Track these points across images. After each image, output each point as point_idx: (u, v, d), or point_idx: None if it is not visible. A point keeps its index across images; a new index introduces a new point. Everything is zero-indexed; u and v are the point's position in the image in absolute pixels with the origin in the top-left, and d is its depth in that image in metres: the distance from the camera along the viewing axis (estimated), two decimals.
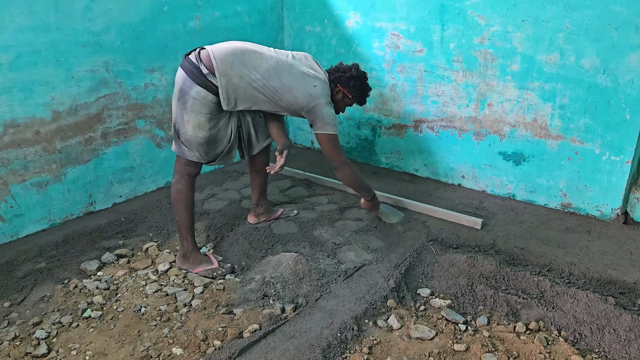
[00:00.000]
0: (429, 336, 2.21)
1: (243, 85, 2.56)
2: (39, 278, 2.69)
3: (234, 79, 2.53)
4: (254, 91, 2.60)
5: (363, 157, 4.42)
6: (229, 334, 2.24)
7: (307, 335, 2.19)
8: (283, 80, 2.64)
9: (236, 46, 2.62)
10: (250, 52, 2.63)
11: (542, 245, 2.97)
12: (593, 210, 3.32)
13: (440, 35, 3.61)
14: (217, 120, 2.61)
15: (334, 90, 2.89)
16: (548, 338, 2.20)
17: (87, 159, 3.30)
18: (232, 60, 2.54)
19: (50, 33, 2.94)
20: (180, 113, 2.58)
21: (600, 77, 3.05)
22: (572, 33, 3.06)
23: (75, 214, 3.31)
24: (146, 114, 3.57)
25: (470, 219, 3.19)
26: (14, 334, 2.25)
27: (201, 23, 3.77)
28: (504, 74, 3.40)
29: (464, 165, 3.81)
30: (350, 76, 2.87)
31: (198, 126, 2.56)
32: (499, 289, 2.52)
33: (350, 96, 2.90)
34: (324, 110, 2.72)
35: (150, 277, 2.70)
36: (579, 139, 3.23)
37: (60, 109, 3.09)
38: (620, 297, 2.46)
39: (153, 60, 3.52)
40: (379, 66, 4.01)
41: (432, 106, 3.83)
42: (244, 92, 2.58)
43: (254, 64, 2.60)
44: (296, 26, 4.46)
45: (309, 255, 2.82)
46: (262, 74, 2.60)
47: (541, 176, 3.46)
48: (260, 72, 2.60)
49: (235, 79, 2.53)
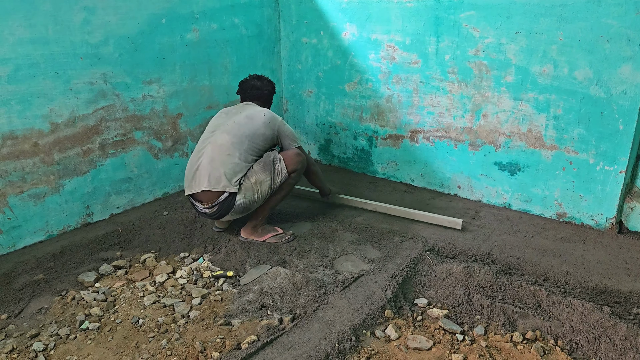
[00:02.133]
0: (427, 346, 2.22)
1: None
2: (36, 290, 2.69)
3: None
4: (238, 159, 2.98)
5: (359, 168, 4.45)
6: (227, 345, 2.24)
7: (305, 346, 2.19)
8: (244, 132, 2.99)
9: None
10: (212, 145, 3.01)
11: (538, 255, 2.99)
12: (588, 219, 3.35)
13: (435, 47, 3.65)
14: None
15: (265, 105, 3.34)
16: (545, 347, 2.21)
17: (84, 170, 3.30)
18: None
19: (48, 45, 2.96)
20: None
21: (593, 88, 3.09)
22: (566, 45, 3.11)
23: (73, 225, 3.32)
24: (144, 126, 3.59)
25: (451, 219, 3.21)
26: (11, 346, 2.24)
27: (198, 35, 3.81)
28: (499, 85, 3.44)
29: (460, 175, 3.84)
30: (260, 86, 3.32)
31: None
32: (496, 298, 2.53)
33: (271, 99, 3.42)
34: (285, 129, 3.15)
35: (148, 289, 2.70)
36: (573, 149, 3.26)
37: (58, 120, 3.10)
38: (615, 306, 2.48)
39: (151, 72, 3.54)
40: (375, 77, 4.05)
41: (428, 117, 3.86)
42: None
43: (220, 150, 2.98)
44: (292, 38, 4.50)
45: (307, 266, 2.83)
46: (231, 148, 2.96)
47: (536, 186, 3.49)
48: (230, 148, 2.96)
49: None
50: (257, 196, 2.97)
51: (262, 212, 3.10)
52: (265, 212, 3.11)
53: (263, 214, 3.10)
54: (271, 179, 2.98)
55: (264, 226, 3.14)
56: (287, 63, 4.64)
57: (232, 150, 2.93)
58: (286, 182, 3.07)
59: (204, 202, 2.94)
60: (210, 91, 4.02)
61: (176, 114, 3.79)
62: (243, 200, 2.92)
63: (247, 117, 3.06)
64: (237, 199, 2.91)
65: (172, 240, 3.18)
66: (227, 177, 2.88)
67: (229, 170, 2.89)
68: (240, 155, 2.93)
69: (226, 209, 2.93)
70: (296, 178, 3.13)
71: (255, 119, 3.05)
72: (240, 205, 2.93)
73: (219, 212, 2.94)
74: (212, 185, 2.89)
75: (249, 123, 3.02)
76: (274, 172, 3.00)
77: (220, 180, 2.88)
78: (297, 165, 3.07)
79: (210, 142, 3.00)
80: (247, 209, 3.00)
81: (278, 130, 3.10)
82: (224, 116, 3.15)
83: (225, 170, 2.88)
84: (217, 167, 2.89)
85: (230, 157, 2.91)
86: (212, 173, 2.89)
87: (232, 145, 2.93)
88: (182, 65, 3.75)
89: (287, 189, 3.12)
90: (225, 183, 2.87)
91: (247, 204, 2.96)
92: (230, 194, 2.90)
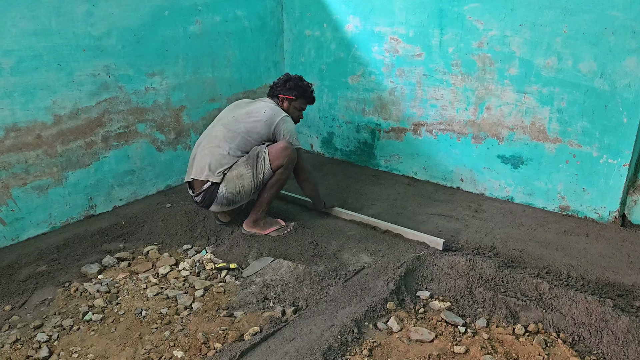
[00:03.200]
0: (429, 338, 2.23)
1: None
2: (40, 281, 2.70)
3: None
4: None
5: (362, 161, 4.44)
6: (229, 337, 2.25)
7: (307, 338, 2.20)
8: (239, 129, 2.96)
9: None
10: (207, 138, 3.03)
11: (540, 248, 2.98)
12: (591, 212, 3.34)
13: (439, 40, 3.64)
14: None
15: (280, 103, 3.18)
16: (547, 340, 2.22)
17: (87, 162, 3.31)
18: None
19: (51, 37, 2.96)
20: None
21: (597, 81, 3.07)
22: (570, 37, 3.09)
23: (76, 217, 3.32)
24: (147, 118, 3.59)
25: (432, 239, 2.99)
26: (15, 337, 2.26)
27: (201, 27, 3.80)
28: (502, 77, 3.42)
29: (463, 168, 3.83)
30: (284, 81, 3.18)
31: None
32: (498, 291, 2.54)
33: (292, 97, 3.16)
34: (284, 127, 3.02)
35: (151, 280, 2.71)
36: (576, 142, 3.25)
37: (61, 112, 3.10)
38: (618, 299, 2.48)
39: (154, 64, 3.54)
40: (378, 70, 4.04)
41: (431, 110, 3.85)
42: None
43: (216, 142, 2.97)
44: (295, 30, 4.48)
45: (309, 258, 2.83)
46: (224, 141, 2.94)
47: (539, 179, 3.48)
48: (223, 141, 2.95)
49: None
50: (240, 189, 2.93)
51: (260, 206, 3.06)
52: (263, 205, 3.05)
53: (261, 207, 3.06)
54: (253, 173, 2.91)
55: (265, 219, 3.12)
56: (290, 56, 4.62)
57: (222, 143, 2.93)
58: (275, 178, 2.98)
59: (195, 190, 3.00)
60: (213, 84, 4.01)
61: (179, 106, 3.79)
62: (225, 191, 2.91)
63: (247, 113, 3.03)
64: (219, 189, 2.91)
65: (174, 233, 3.19)
66: (210, 167, 2.90)
67: (214, 161, 2.91)
68: (230, 150, 2.92)
69: (209, 198, 2.94)
70: (285, 173, 2.99)
71: (254, 116, 3.01)
72: (223, 196, 2.92)
73: (204, 201, 2.95)
74: (197, 174, 2.94)
75: (246, 119, 3.00)
76: (257, 167, 2.91)
77: (204, 169, 2.91)
78: (282, 160, 2.92)
79: (207, 134, 3.05)
80: (232, 201, 2.97)
81: (275, 128, 3.01)
82: (231, 109, 3.16)
83: (211, 161, 2.91)
84: (204, 157, 2.93)
85: (219, 149, 2.92)
86: (199, 163, 2.95)
87: (223, 139, 2.94)
88: (184, 58, 3.74)
89: (279, 184, 3.03)
90: (207, 172, 2.90)
91: (230, 196, 2.93)
92: (213, 184, 2.90)
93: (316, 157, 4.68)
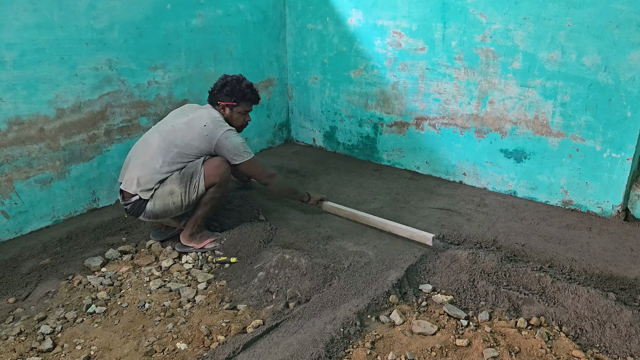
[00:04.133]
0: (431, 331, 2.23)
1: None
2: (43, 274, 2.71)
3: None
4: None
5: (365, 155, 4.44)
6: (232, 329, 2.26)
7: (310, 331, 2.21)
8: (175, 141, 2.79)
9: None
10: (140, 146, 2.88)
11: (543, 242, 2.98)
12: (594, 207, 3.33)
13: (442, 33, 3.62)
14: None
15: (222, 111, 2.97)
16: (549, 333, 2.22)
17: (90, 156, 3.31)
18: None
19: (54, 31, 2.96)
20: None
21: (601, 74, 3.06)
22: (574, 31, 3.07)
23: (79, 210, 3.33)
24: (149, 112, 3.58)
25: (421, 234, 2.93)
26: (19, 329, 2.27)
27: (203, 21, 3.79)
28: (506, 71, 3.41)
29: (466, 162, 3.83)
30: (221, 86, 2.95)
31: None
32: (501, 284, 2.54)
33: (232, 103, 2.94)
34: (227, 143, 2.83)
35: (154, 273, 2.72)
36: (580, 136, 3.24)
37: (64, 106, 3.10)
38: (621, 293, 2.48)
39: (156, 58, 3.54)
40: (381, 64, 4.02)
41: (434, 104, 3.84)
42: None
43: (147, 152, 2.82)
44: (298, 24, 4.47)
45: (312, 252, 2.83)
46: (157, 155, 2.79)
47: (542, 173, 3.47)
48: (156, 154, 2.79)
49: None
50: (169, 207, 2.79)
51: (195, 221, 2.91)
52: (198, 221, 2.90)
53: (196, 222, 2.91)
54: (185, 192, 2.77)
55: (202, 232, 2.96)
56: (292, 50, 4.61)
57: (156, 155, 2.77)
58: (208, 197, 2.84)
59: (124, 197, 2.86)
60: (215, 78, 3.93)
61: (181, 100, 3.79)
62: (152, 207, 2.78)
63: (187, 123, 2.83)
64: (147, 205, 2.77)
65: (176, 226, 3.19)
66: (139, 182, 2.75)
67: (144, 175, 2.75)
68: (162, 163, 2.76)
69: (137, 210, 2.80)
70: (218, 191, 2.84)
71: (193, 128, 2.81)
72: (150, 211, 2.79)
73: (132, 211, 2.83)
74: (127, 186, 2.80)
75: (184, 131, 2.81)
76: (190, 187, 2.77)
77: (133, 183, 2.76)
78: (215, 178, 2.79)
79: (145, 139, 2.89)
80: (159, 216, 2.83)
81: (217, 144, 2.82)
82: (175, 115, 2.97)
83: (140, 175, 2.75)
84: (135, 169, 2.78)
85: (152, 162, 2.76)
86: (130, 174, 2.80)
87: (158, 150, 2.78)
88: (187, 52, 3.74)
89: (212, 202, 2.88)
90: (135, 187, 2.75)
91: (157, 212, 2.80)
92: (141, 198, 2.77)
93: (318, 152, 4.68)
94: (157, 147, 2.79)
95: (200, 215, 2.90)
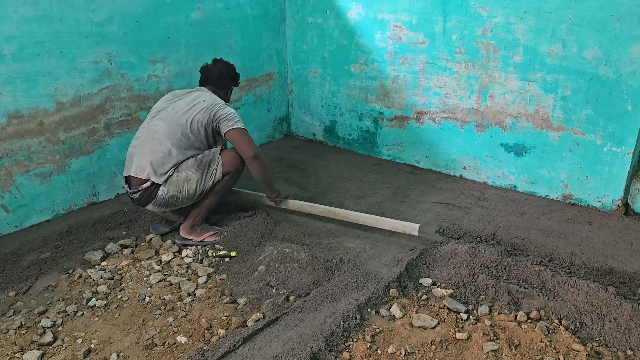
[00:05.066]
0: (431, 325, 2.23)
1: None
2: (43, 268, 2.71)
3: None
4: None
5: (365, 149, 4.43)
6: (233, 323, 2.26)
7: (310, 324, 2.21)
8: (179, 121, 2.83)
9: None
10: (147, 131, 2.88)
11: (543, 236, 2.98)
12: (594, 201, 3.33)
13: (442, 27, 3.61)
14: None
15: (225, 93, 3.14)
16: (549, 327, 2.22)
17: (90, 150, 3.31)
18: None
19: (53, 24, 2.94)
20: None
21: (602, 68, 3.05)
22: (575, 24, 3.06)
23: (79, 204, 3.33)
24: (149, 105, 3.57)
25: (407, 225, 2.85)
26: (19, 322, 2.27)
27: (203, 14, 3.77)
28: (506, 65, 3.40)
29: (466, 156, 3.82)
30: (234, 75, 3.16)
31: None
32: (501, 278, 2.54)
33: (234, 85, 3.20)
34: (224, 110, 2.87)
35: (154, 267, 2.72)
36: (580, 130, 3.24)
37: (63, 100, 3.10)
38: (620, 286, 2.48)
39: (155, 52, 3.52)
40: (381, 58, 4.01)
41: (434, 98, 3.83)
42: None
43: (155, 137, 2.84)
44: (298, 17, 4.46)
45: (312, 246, 2.83)
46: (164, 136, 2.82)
47: (542, 167, 3.47)
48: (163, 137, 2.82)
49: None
50: (182, 194, 2.80)
51: (198, 213, 2.93)
52: (202, 212, 2.94)
53: (200, 214, 2.94)
54: (202, 180, 2.81)
55: (202, 226, 2.98)
56: (292, 43, 4.60)
57: (163, 139, 2.78)
58: (219, 184, 2.89)
59: (132, 186, 2.84)
60: None
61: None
62: (165, 193, 2.77)
63: (187, 103, 2.87)
64: (159, 191, 2.76)
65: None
66: (152, 165, 2.74)
67: (156, 159, 2.75)
68: (172, 145, 2.77)
69: (147, 198, 2.78)
70: (230, 181, 2.92)
71: (195, 106, 2.85)
72: (162, 197, 2.78)
73: (140, 200, 2.80)
74: (137, 172, 2.77)
75: (187, 110, 2.84)
76: (207, 174, 2.82)
77: (145, 168, 2.75)
78: (230, 167, 2.87)
79: (146, 127, 2.89)
80: (170, 204, 2.83)
81: (215, 113, 2.84)
82: (169, 99, 2.98)
83: (152, 159, 2.75)
84: (145, 155, 2.77)
85: (161, 146, 2.77)
86: (140, 160, 2.78)
87: (164, 134, 2.79)
88: (187, 45, 3.72)
89: (222, 192, 2.93)
90: (149, 171, 2.74)
91: (169, 199, 2.80)
92: (153, 184, 2.76)
93: (318, 146, 4.68)
94: (163, 131, 2.80)
95: (206, 206, 2.94)
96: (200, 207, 2.94)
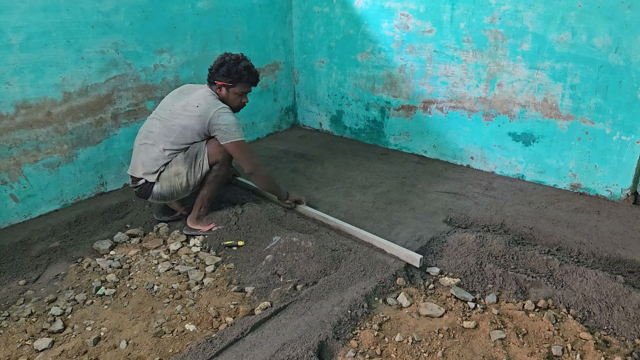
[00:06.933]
0: (438, 314, 2.24)
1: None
2: (52, 257, 2.73)
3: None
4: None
5: (371, 139, 4.42)
6: (240, 311, 2.27)
7: (317, 312, 2.22)
8: (174, 125, 2.79)
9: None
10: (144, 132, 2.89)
11: (551, 225, 2.97)
12: (603, 190, 3.31)
13: (450, 15, 3.58)
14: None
15: (218, 90, 2.88)
16: (557, 316, 2.22)
17: (97, 140, 3.32)
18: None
19: (60, 14, 2.94)
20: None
21: (612, 56, 3.02)
22: (584, 11, 3.03)
23: (87, 194, 3.35)
24: (155, 95, 3.58)
25: (409, 254, 2.59)
26: (29, 310, 2.29)
27: (209, 4, 3.76)
28: (515, 53, 3.37)
29: (473, 146, 3.80)
30: (218, 65, 2.86)
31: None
32: (508, 267, 2.53)
33: (228, 83, 2.84)
34: (219, 120, 2.76)
35: (162, 256, 2.74)
36: (589, 119, 3.21)
37: (71, 90, 3.10)
38: (629, 275, 2.47)
39: (162, 42, 3.52)
40: (388, 47, 3.99)
41: (442, 87, 3.81)
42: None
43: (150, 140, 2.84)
44: (304, 7, 4.43)
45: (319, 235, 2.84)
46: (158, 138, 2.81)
47: (551, 157, 3.45)
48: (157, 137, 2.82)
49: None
50: (175, 188, 2.84)
51: (201, 202, 2.96)
52: (204, 202, 2.96)
53: (202, 203, 2.96)
54: (190, 171, 2.81)
55: (208, 215, 3.01)
56: (298, 33, 4.58)
57: (157, 140, 2.80)
58: (211, 175, 2.88)
59: (132, 182, 2.92)
60: None
61: (188, 84, 3.77)
62: (159, 189, 2.83)
63: (183, 107, 2.80)
64: (154, 187, 2.83)
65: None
66: (144, 165, 2.81)
67: (148, 160, 2.81)
68: (165, 147, 2.79)
69: (144, 193, 2.87)
70: (221, 169, 2.89)
71: (188, 111, 2.79)
72: (157, 193, 2.85)
73: (140, 194, 2.89)
74: (132, 170, 2.88)
75: (181, 115, 2.79)
76: (194, 166, 2.82)
77: (138, 167, 2.84)
78: (217, 156, 2.83)
79: (147, 125, 2.90)
80: (167, 198, 2.89)
81: (210, 122, 2.76)
82: (174, 96, 2.94)
83: (144, 160, 2.81)
84: (140, 154, 2.84)
85: (154, 147, 2.80)
86: (135, 159, 2.88)
87: (158, 135, 2.81)
88: (193, 35, 3.71)
89: (216, 181, 2.92)
90: (143, 171, 2.82)
91: (164, 194, 2.85)
92: (147, 182, 2.83)
93: (325, 136, 4.67)
94: (158, 132, 2.82)
95: (206, 196, 2.94)
96: (200, 197, 2.96)
